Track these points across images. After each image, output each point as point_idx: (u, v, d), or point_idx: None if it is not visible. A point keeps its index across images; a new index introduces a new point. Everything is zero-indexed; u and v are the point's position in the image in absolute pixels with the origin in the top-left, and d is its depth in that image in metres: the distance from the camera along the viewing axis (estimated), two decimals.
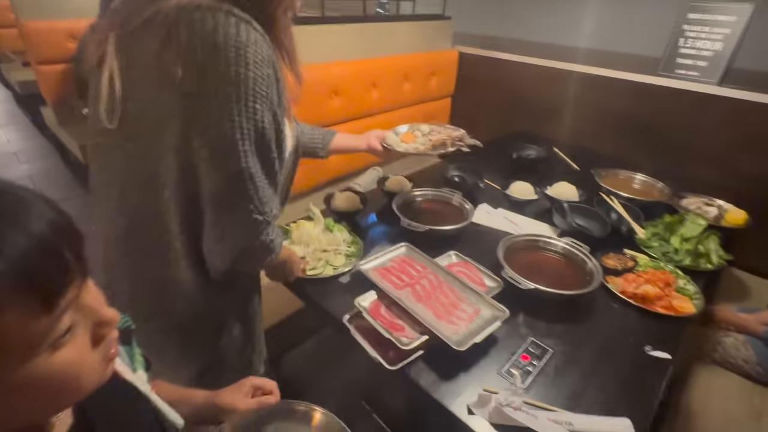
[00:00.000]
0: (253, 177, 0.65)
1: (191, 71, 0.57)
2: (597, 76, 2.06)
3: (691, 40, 1.81)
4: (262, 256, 0.76)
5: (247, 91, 0.60)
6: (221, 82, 0.58)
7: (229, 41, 0.56)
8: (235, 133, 0.61)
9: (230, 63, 0.57)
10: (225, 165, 0.63)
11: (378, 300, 0.99)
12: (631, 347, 0.96)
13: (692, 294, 1.10)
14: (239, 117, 0.60)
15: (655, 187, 1.65)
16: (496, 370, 0.87)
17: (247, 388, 0.69)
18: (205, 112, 0.60)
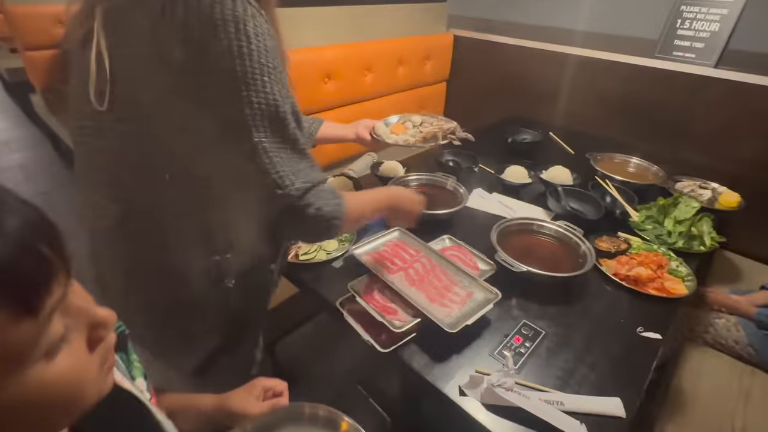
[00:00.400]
0: (267, 151, 0.61)
1: (190, 49, 0.54)
2: (593, 59, 2.04)
3: (689, 21, 1.78)
4: (315, 229, 0.71)
5: (253, 65, 0.57)
6: (224, 58, 0.55)
7: (227, 16, 0.54)
8: (243, 108, 0.58)
9: (231, 38, 0.54)
10: (238, 142, 0.60)
11: (371, 284, 0.99)
12: (623, 328, 0.96)
13: (684, 276, 1.11)
14: (247, 92, 0.57)
15: (650, 170, 1.64)
16: (489, 352, 0.88)
17: (258, 390, 0.65)
18: (212, 90, 0.57)
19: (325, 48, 1.80)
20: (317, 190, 0.68)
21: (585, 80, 2.10)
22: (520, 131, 1.92)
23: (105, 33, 0.56)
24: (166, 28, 0.54)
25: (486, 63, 2.45)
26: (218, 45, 0.54)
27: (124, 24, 0.56)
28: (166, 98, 0.57)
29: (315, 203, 0.67)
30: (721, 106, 1.76)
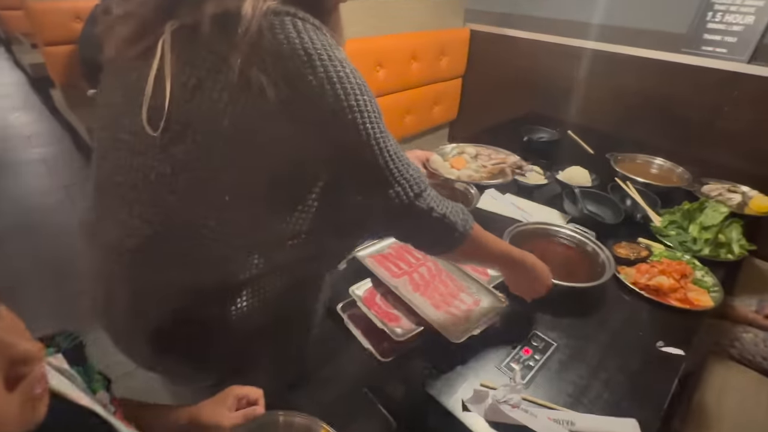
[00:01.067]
0: (390, 159, 0.59)
1: (285, 80, 0.51)
2: (616, 54, 1.95)
3: (720, 14, 1.68)
4: (435, 233, 0.67)
5: (353, 86, 0.55)
6: (323, 85, 0.53)
7: (316, 45, 0.52)
8: (355, 128, 0.55)
9: (326, 66, 0.52)
10: (358, 158, 0.57)
11: (373, 288, 0.95)
12: (642, 342, 0.90)
13: (710, 286, 1.03)
14: (352, 114, 0.55)
15: (675, 172, 1.56)
16: (496, 364, 0.83)
17: (230, 400, 0.62)
18: (315, 114, 0.54)
19: None
20: (432, 195, 0.65)
21: (606, 76, 2.01)
22: (536, 129, 1.85)
23: (173, 53, 0.52)
24: (254, 59, 0.50)
25: (503, 58, 2.38)
26: (315, 74, 0.52)
27: (198, 47, 0.52)
28: (252, 123, 0.54)
29: (437, 208, 0.65)
30: (753, 104, 1.66)
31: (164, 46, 0.52)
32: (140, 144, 0.57)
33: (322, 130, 0.55)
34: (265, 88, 0.51)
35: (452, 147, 1.29)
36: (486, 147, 1.31)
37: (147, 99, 0.54)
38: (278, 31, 0.50)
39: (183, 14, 0.52)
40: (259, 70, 0.51)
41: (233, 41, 0.50)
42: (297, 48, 0.51)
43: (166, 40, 0.52)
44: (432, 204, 0.64)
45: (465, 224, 0.69)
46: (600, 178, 1.46)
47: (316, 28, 0.53)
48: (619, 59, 1.94)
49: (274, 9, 0.51)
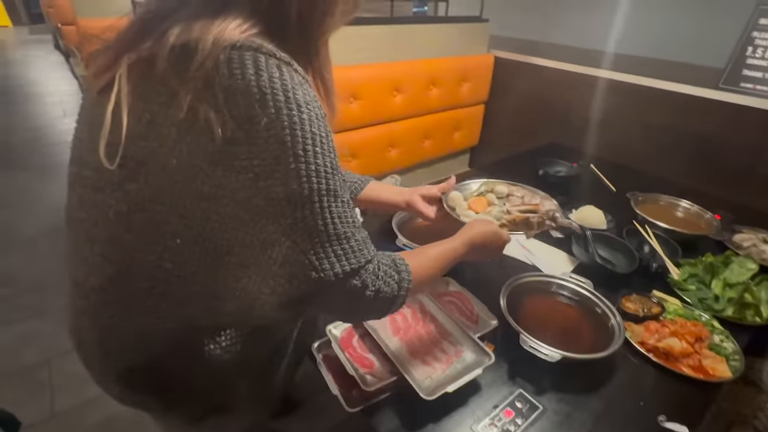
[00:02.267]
0: (309, 229, 0.53)
1: (234, 118, 0.49)
2: (646, 88, 1.85)
3: (762, 50, 1.56)
4: (372, 309, 0.63)
5: (304, 135, 0.51)
6: (273, 128, 0.49)
7: (274, 84, 0.49)
8: (290, 181, 0.51)
9: (281, 108, 0.49)
10: (276, 216, 0.52)
11: (352, 328, 0.91)
12: (643, 413, 0.81)
13: (730, 354, 0.92)
14: (296, 164, 0.51)
15: (703, 217, 1.43)
16: (471, 424, 0.76)
17: None
18: (256, 160, 0.50)
19: (351, 67, 1.76)
20: (369, 270, 0.59)
21: (635, 110, 1.91)
22: (554, 162, 1.77)
23: (129, 87, 0.51)
24: (206, 94, 0.48)
25: (527, 86, 2.31)
26: (266, 115, 0.49)
27: (153, 81, 0.50)
28: (195, 164, 0.51)
29: (370, 285, 0.59)
30: None
31: (120, 79, 0.51)
32: (100, 180, 0.56)
33: (264, 176, 0.50)
34: (212, 126, 0.48)
35: (480, 183, 1.13)
36: (522, 186, 1.12)
37: (105, 134, 0.52)
38: (235, 66, 0.48)
39: (143, 47, 0.51)
40: (209, 106, 0.48)
41: (186, 75, 0.48)
42: (251, 85, 0.48)
43: (123, 73, 0.51)
44: (368, 281, 0.58)
45: (400, 287, 0.63)
46: (617, 220, 1.36)
47: (284, 64, 0.50)
48: (650, 93, 1.84)
49: (235, 43, 0.48)
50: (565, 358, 0.81)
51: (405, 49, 1.98)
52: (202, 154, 0.50)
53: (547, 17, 2.22)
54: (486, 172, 1.98)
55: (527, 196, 1.11)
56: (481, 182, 1.13)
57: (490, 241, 0.86)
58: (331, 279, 0.54)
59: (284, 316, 0.65)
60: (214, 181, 0.51)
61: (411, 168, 2.34)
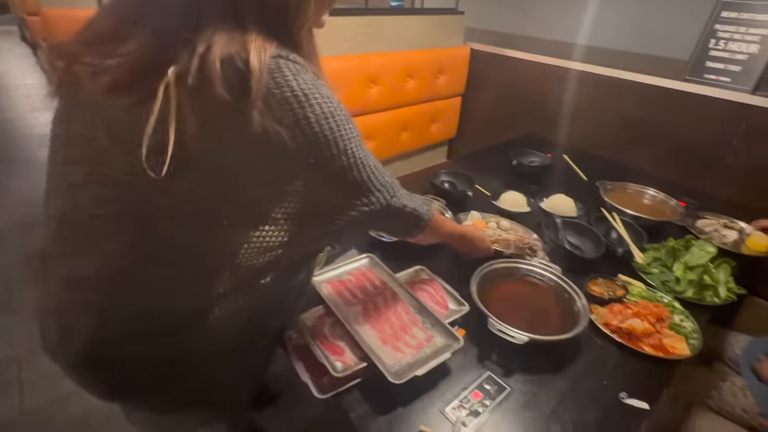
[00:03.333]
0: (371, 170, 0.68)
1: (288, 126, 0.55)
2: (617, 79, 1.89)
3: (723, 42, 1.61)
4: (407, 224, 0.82)
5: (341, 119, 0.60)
6: (320, 122, 0.57)
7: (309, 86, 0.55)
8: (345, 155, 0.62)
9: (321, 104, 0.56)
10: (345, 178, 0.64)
11: (324, 316, 0.91)
12: (605, 391, 0.84)
13: (689, 333, 0.96)
14: (343, 143, 0.60)
15: (668, 204, 1.48)
16: (441, 407, 0.78)
17: None
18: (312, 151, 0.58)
19: (325, 59, 1.74)
20: (404, 193, 0.78)
21: (606, 101, 1.95)
22: (528, 153, 1.80)
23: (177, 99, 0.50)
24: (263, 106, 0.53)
25: (503, 78, 2.34)
26: (313, 113, 0.56)
27: (200, 93, 0.50)
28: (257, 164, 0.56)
29: (409, 204, 0.78)
30: (758, 137, 1.58)
31: (168, 90, 0.50)
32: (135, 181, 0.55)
33: (318, 160, 0.59)
34: (270, 130, 0.53)
35: (491, 217, 1.34)
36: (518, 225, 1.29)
37: (144, 144, 0.51)
38: (277, 75, 0.53)
39: (182, 59, 0.50)
40: (269, 118, 0.53)
41: (245, 89, 0.50)
42: (296, 91, 0.54)
43: (171, 84, 0.49)
44: (405, 201, 0.77)
45: (428, 213, 0.85)
46: (587, 208, 1.40)
47: (302, 67, 0.56)
48: (620, 84, 1.88)
49: (274, 54, 0.53)
50: (532, 340, 0.84)
51: (381, 40, 1.97)
52: (262, 152, 0.54)
53: (522, 10, 2.24)
54: (462, 163, 2.01)
55: (521, 232, 1.27)
56: (492, 217, 1.34)
57: (479, 240, 1.06)
58: (378, 208, 0.71)
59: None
60: (275, 169, 0.57)
61: (389, 160, 2.35)
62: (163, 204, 0.56)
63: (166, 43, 0.51)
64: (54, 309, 0.66)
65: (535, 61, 2.17)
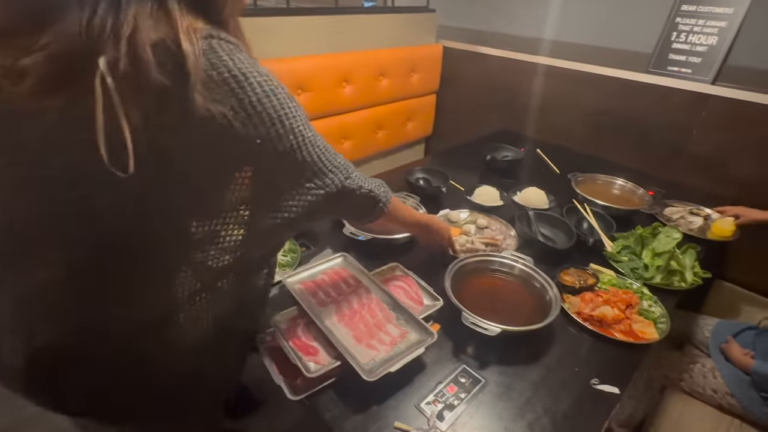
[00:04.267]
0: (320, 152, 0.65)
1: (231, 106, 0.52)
2: (584, 73, 1.93)
3: (684, 34, 1.66)
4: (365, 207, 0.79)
5: (283, 96, 0.58)
6: (261, 103, 0.55)
7: (245, 64, 0.53)
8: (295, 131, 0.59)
9: (261, 83, 0.54)
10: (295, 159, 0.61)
11: (297, 317, 0.90)
12: (578, 378, 0.85)
13: (657, 317, 0.99)
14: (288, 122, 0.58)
15: (636, 193, 1.52)
16: (416, 402, 0.78)
17: None
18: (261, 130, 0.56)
19: (297, 59, 1.73)
20: (359, 175, 0.75)
21: (575, 95, 1.99)
22: (502, 148, 1.82)
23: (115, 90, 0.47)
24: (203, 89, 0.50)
25: (476, 75, 2.36)
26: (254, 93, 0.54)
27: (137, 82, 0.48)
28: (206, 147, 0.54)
29: (365, 185, 0.75)
30: (719, 126, 1.63)
31: (104, 81, 0.46)
32: (81, 176, 0.52)
33: (264, 141, 0.56)
34: (215, 113, 0.51)
35: (468, 213, 1.34)
36: (495, 218, 1.31)
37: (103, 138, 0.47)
38: (211, 56, 0.50)
39: (108, 47, 0.46)
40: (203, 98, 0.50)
41: (180, 74, 0.48)
42: (233, 71, 0.51)
43: (106, 76, 0.46)
44: (360, 182, 0.74)
45: (386, 195, 0.81)
46: (559, 200, 1.42)
47: (235, 46, 0.53)
48: (587, 78, 1.92)
49: (204, 34, 0.50)
50: (504, 331, 0.84)
51: (352, 40, 1.97)
52: (210, 137, 0.52)
53: (492, 7, 2.26)
54: (438, 159, 2.02)
55: (500, 229, 1.29)
56: (468, 213, 1.35)
57: (444, 229, 1.07)
58: (332, 190, 0.68)
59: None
60: (225, 158, 0.55)
61: (366, 159, 2.34)
62: (114, 201, 0.53)
63: (86, 30, 0.46)
64: (7, 327, 0.63)
65: (506, 57, 2.19)
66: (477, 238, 1.22)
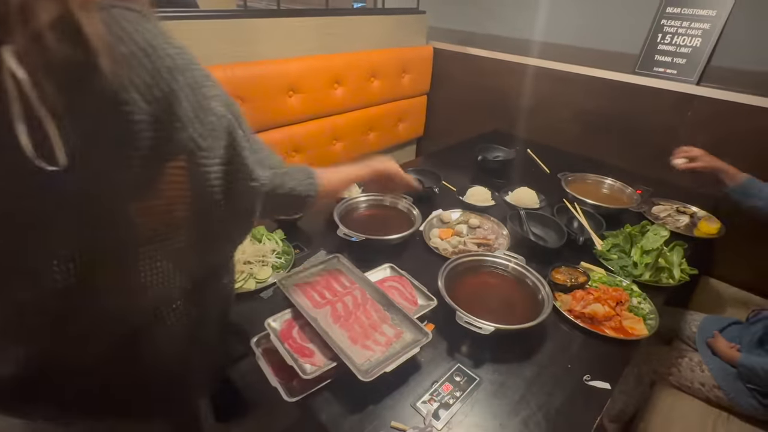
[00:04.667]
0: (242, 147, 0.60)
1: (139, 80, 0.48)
2: (573, 74, 1.96)
3: (670, 36, 1.70)
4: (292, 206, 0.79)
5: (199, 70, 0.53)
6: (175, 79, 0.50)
7: (154, 34, 0.48)
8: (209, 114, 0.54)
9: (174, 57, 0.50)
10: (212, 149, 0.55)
11: (292, 319, 0.90)
12: (570, 375, 0.87)
13: (646, 314, 1.01)
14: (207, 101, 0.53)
15: (625, 192, 1.55)
16: (412, 402, 0.78)
17: None
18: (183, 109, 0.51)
19: (289, 60, 1.73)
20: (286, 173, 0.73)
21: (565, 95, 2.02)
22: (493, 148, 1.84)
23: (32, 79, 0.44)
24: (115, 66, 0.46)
25: (467, 76, 2.38)
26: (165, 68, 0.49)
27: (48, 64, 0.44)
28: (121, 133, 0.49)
29: (287, 184, 0.73)
30: (704, 125, 1.67)
31: (15, 72, 0.43)
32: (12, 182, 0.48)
33: (184, 123, 0.51)
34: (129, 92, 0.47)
35: (460, 214, 1.35)
36: (487, 218, 1.33)
37: (22, 130, 0.44)
38: (115, 28, 0.46)
39: (7, 37, 0.43)
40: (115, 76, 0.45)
41: (85, 53, 0.44)
42: (141, 44, 0.47)
43: (13, 67, 0.43)
44: (284, 180, 0.72)
45: (310, 189, 0.78)
46: (549, 199, 1.44)
47: (140, 16, 0.49)
48: (576, 79, 1.95)
49: (103, 4, 0.45)
50: (497, 330, 0.85)
51: (343, 41, 1.97)
52: (131, 125, 0.47)
53: (482, 8, 2.28)
54: (430, 160, 2.03)
55: (495, 228, 1.31)
56: (461, 213, 1.36)
57: (386, 168, 1.03)
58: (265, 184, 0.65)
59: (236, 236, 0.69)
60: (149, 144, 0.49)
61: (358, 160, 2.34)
62: (41, 207, 0.49)
63: None
64: None
65: (497, 58, 2.22)
66: (469, 239, 1.23)
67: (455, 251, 1.18)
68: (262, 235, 1.14)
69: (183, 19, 1.43)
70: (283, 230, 1.20)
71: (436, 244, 1.21)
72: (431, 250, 1.20)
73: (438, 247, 1.19)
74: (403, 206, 1.33)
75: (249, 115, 1.22)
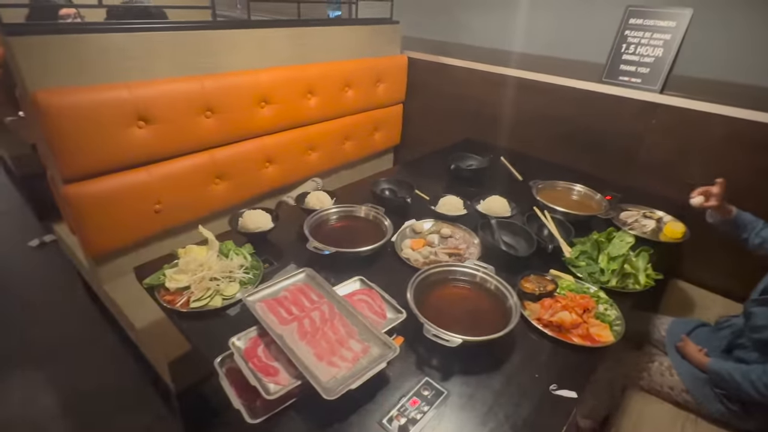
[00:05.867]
0: None
1: None
2: (543, 83, 2.00)
3: (633, 46, 1.75)
4: None
5: None
6: None
7: None
8: None
9: None
10: None
11: (258, 337, 0.88)
12: (537, 385, 0.87)
13: (612, 320, 1.02)
14: None
15: (594, 199, 1.58)
16: (378, 418, 0.77)
17: None
18: None
19: (260, 71, 1.72)
20: None
21: (535, 104, 2.06)
22: (467, 157, 1.85)
23: None
24: None
25: (441, 85, 2.40)
26: None
27: None
28: None
29: None
30: (668, 132, 1.72)
31: None
32: None
33: None
34: None
35: (432, 223, 1.36)
36: (459, 227, 1.34)
37: None
38: None
39: None
40: None
41: None
42: None
43: None
44: None
45: None
46: (521, 207, 1.45)
47: None
48: (547, 88, 1.99)
49: None
50: (465, 342, 0.85)
51: (317, 51, 1.97)
52: None
53: (453, 19, 2.32)
54: (406, 169, 2.04)
55: (467, 237, 1.31)
56: (433, 222, 1.37)
57: None
58: None
59: None
60: None
61: (335, 169, 2.34)
62: None
63: None
64: None
65: (469, 67, 2.24)
66: (440, 249, 1.23)
67: (426, 262, 1.18)
68: (230, 250, 1.12)
69: (152, 30, 1.41)
70: (252, 244, 1.19)
71: (408, 255, 1.21)
72: (403, 261, 1.20)
73: (409, 258, 1.19)
74: (374, 217, 1.32)
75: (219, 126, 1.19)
